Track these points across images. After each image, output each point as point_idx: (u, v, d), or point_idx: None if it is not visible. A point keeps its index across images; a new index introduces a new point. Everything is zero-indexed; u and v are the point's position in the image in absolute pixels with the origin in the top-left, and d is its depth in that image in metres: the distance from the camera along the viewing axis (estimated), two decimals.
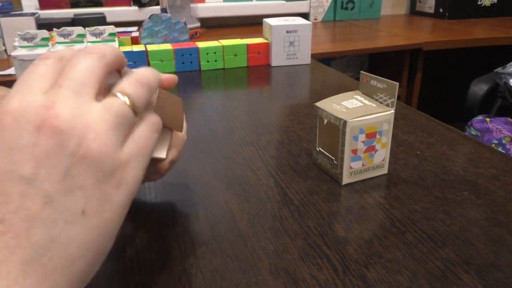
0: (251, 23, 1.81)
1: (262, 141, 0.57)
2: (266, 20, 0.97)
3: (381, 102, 0.45)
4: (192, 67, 0.91)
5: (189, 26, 1.37)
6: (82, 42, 0.90)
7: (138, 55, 0.88)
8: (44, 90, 0.24)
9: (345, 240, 0.37)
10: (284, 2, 1.82)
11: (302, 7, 1.87)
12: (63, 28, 0.88)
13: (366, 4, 1.97)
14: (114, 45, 0.89)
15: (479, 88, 1.44)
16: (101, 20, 1.32)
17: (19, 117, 0.23)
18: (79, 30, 0.89)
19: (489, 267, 0.33)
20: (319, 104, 0.46)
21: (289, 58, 0.96)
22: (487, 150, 0.53)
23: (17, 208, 0.21)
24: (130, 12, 1.58)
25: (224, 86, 0.84)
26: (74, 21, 1.29)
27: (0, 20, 1.25)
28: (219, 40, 0.95)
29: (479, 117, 1.34)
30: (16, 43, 0.87)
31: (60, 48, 0.27)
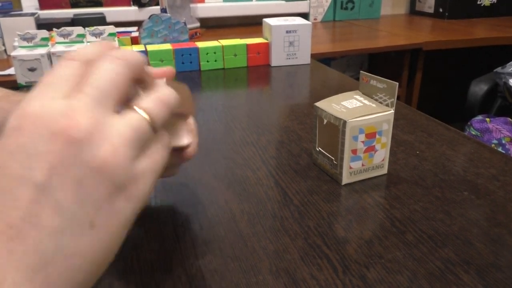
0: (251, 23, 1.81)
1: (262, 141, 0.57)
2: (266, 20, 0.97)
3: (380, 102, 0.45)
4: (192, 67, 0.91)
5: (189, 26, 1.37)
6: (82, 42, 0.90)
7: None
8: (66, 94, 0.24)
9: (345, 240, 0.37)
10: (283, 2, 1.82)
11: (302, 7, 1.87)
12: (63, 28, 0.88)
13: (365, 4, 1.96)
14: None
15: (479, 88, 1.44)
16: (101, 20, 1.32)
17: (37, 122, 0.22)
18: (79, 30, 0.89)
19: (489, 267, 0.33)
20: (319, 104, 0.46)
21: (289, 58, 0.96)
22: (487, 150, 0.53)
23: (27, 214, 0.21)
24: (130, 12, 1.58)
25: (224, 86, 0.84)
26: (74, 21, 1.29)
27: (0, 20, 1.25)
28: (219, 40, 0.95)
29: (479, 117, 1.34)
30: (16, 43, 0.87)
31: (78, 47, 0.27)
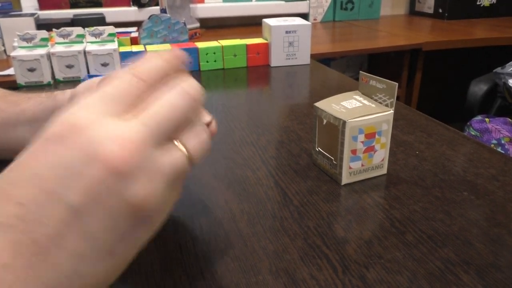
0: (251, 24, 1.81)
1: (262, 141, 0.57)
2: (265, 20, 0.97)
3: (380, 103, 0.45)
4: (192, 67, 0.91)
5: (189, 26, 1.37)
6: (82, 42, 0.90)
7: (138, 55, 0.88)
8: (121, 113, 0.23)
9: (344, 240, 0.37)
10: (283, 2, 1.82)
11: (302, 8, 1.87)
12: (62, 28, 0.88)
13: (365, 4, 1.96)
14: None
15: (478, 88, 1.44)
16: (100, 21, 1.32)
17: (84, 139, 0.21)
18: (78, 30, 0.89)
19: (489, 267, 0.33)
20: (319, 104, 0.46)
21: (289, 59, 0.96)
22: (486, 150, 0.53)
23: (54, 234, 0.21)
24: (130, 12, 1.58)
25: (224, 86, 0.84)
26: (74, 22, 1.29)
27: (0, 21, 1.25)
28: (218, 41, 0.95)
29: (479, 117, 1.34)
30: (16, 44, 0.87)
31: (144, 58, 0.26)
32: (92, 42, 0.90)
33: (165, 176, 0.23)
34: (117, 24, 1.14)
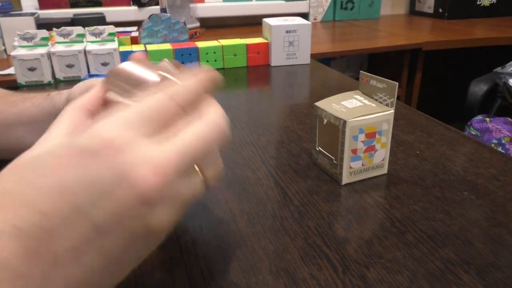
0: (251, 23, 1.81)
1: (262, 141, 0.57)
2: (265, 20, 0.97)
3: (380, 102, 0.45)
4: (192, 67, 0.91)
5: (189, 26, 1.37)
6: (82, 42, 0.90)
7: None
8: (153, 134, 0.23)
9: (345, 240, 0.37)
10: (283, 2, 1.82)
11: (302, 7, 1.87)
12: (62, 28, 0.88)
13: (365, 4, 1.96)
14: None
15: (478, 88, 1.44)
16: (100, 20, 1.32)
17: (117, 159, 0.21)
18: (78, 30, 0.89)
19: (489, 267, 0.33)
20: (319, 104, 0.46)
21: (289, 58, 0.96)
22: (486, 150, 0.53)
23: (73, 248, 0.21)
24: (130, 12, 1.58)
25: (224, 86, 0.84)
26: (74, 21, 1.29)
27: (0, 20, 1.25)
28: (218, 40, 0.95)
29: (479, 117, 1.34)
30: (16, 43, 0.87)
31: (180, 83, 0.26)
32: (92, 42, 0.90)
33: (184, 202, 0.24)
34: (117, 24, 1.14)
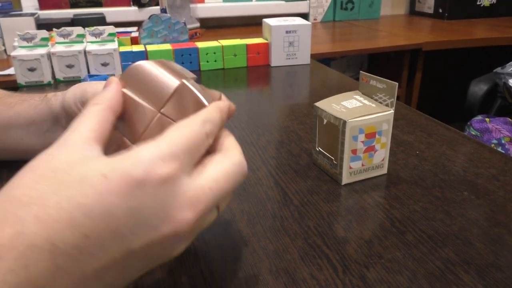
0: (251, 23, 1.81)
1: (262, 141, 0.57)
2: (265, 20, 0.97)
3: (380, 102, 0.45)
4: (192, 67, 0.91)
5: (189, 26, 1.37)
6: (82, 42, 0.90)
7: (138, 55, 0.88)
8: (191, 167, 0.25)
9: (345, 240, 0.37)
10: (283, 2, 1.82)
11: (302, 7, 1.86)
12: (62, 28, 0.88)
13: (365, 4, 1.96)
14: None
15: (478, 88, 1.44)
16: (100, 20, 1.32)
17: (162, 193, 0.23)
18: (78, 30, 0.89)
19: (489, 267, 0.33)
20: (319, 104, 0.46)
21: (289, 58, 0.96)
22: (486, 150, 0.53)
23: (101, 268, 0.22)
24: (130, 12, 1.58)
25: (224, 86, 0.84)
26: (74, 21, 1.29)
27: (0, 20, 1.25)
28: (218, 40, 0.95)
29: (479, 117, 1.34)
30: (16, 43, 0.87)
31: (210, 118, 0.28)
32: (92, 42, 0.90)
33: (197, 232, 0.26)
34: (117, 24, 1.14)
